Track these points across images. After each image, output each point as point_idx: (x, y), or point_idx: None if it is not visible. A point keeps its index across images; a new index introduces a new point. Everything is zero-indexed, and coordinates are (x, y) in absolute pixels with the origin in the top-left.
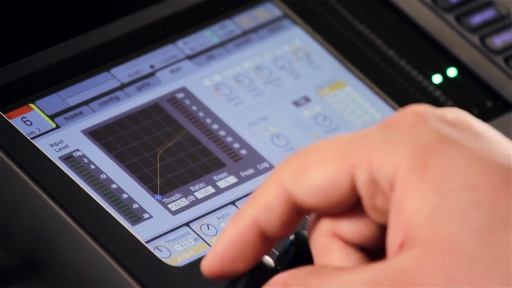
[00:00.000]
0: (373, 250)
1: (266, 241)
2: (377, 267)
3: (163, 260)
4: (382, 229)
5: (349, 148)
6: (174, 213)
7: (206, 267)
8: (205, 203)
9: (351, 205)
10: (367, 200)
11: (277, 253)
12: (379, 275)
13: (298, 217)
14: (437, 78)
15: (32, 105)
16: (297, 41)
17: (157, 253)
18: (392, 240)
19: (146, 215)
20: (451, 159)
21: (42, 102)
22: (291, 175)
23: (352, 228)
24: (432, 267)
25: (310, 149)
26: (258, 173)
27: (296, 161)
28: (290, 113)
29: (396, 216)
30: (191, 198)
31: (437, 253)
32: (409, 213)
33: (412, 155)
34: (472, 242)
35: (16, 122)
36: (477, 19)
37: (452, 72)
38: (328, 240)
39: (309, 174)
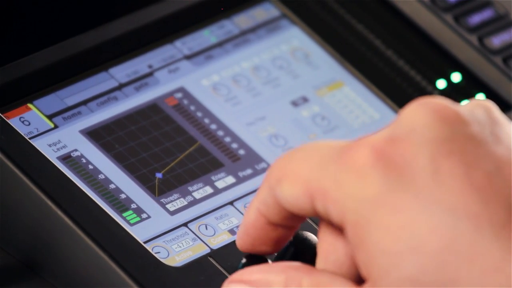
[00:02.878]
0: None
1: (278, 227)
2: None
3: (161, 260)
4: None
5: (312, 175)
6: (172, 213)
7: (238, 246)
8: (203, 203)
9: None
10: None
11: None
12: None
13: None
14: (435, 79)
15: (30, 105)
16: (295, 41)
17: (155, 253)
18: (360, 267)
19: (144, 215)
20: (396, 214)
21: (40, 102)
22: (274, 181)
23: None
24: None
25: (292, 157)
26: (256, 173)
27: (280, 167)
28: (288, 113)
29: (354, 252)
30: (189, 198)
31: None
32: (361, 263)
33: (355, 210)
34: None
35: (14, 122)
36: (476, 19)
37: (451, 73)
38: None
39: (282, 187)
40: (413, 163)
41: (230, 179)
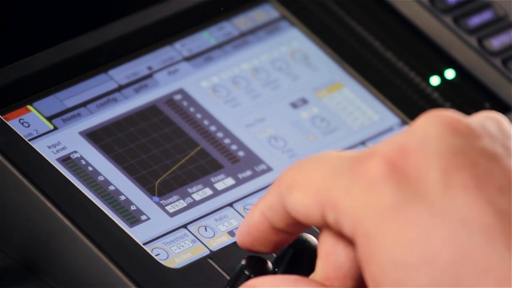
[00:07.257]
0: None
1: (280, 232)
2: None
3: (161, 262)
4: None
5: (324, 185)
6: (172, 215)
7: (238, 242)
8: (202, 205)
9: None
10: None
11: (274, 255)
12: None
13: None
14: (434, 80)
15: (29, 107)
16: (294, 43)
17: (154, 255)
18: (367, 280)
19: (143, 217)
20: (409, 226)
21: (39, 103)
22: (284, 188)
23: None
24: None
25: (304, 165)
26: (255, 175)
27: (291, 175)
28: (287, 114)
29: (364, 266)
30: (188, 200)
31: None
32: (371, 277)
33: (367, 221)
34: None
35: (13, 123)
36: (475, 20)
37: (450, 74)
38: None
39: (293, 195)
40: (425, 175)
41: (230, 181)
